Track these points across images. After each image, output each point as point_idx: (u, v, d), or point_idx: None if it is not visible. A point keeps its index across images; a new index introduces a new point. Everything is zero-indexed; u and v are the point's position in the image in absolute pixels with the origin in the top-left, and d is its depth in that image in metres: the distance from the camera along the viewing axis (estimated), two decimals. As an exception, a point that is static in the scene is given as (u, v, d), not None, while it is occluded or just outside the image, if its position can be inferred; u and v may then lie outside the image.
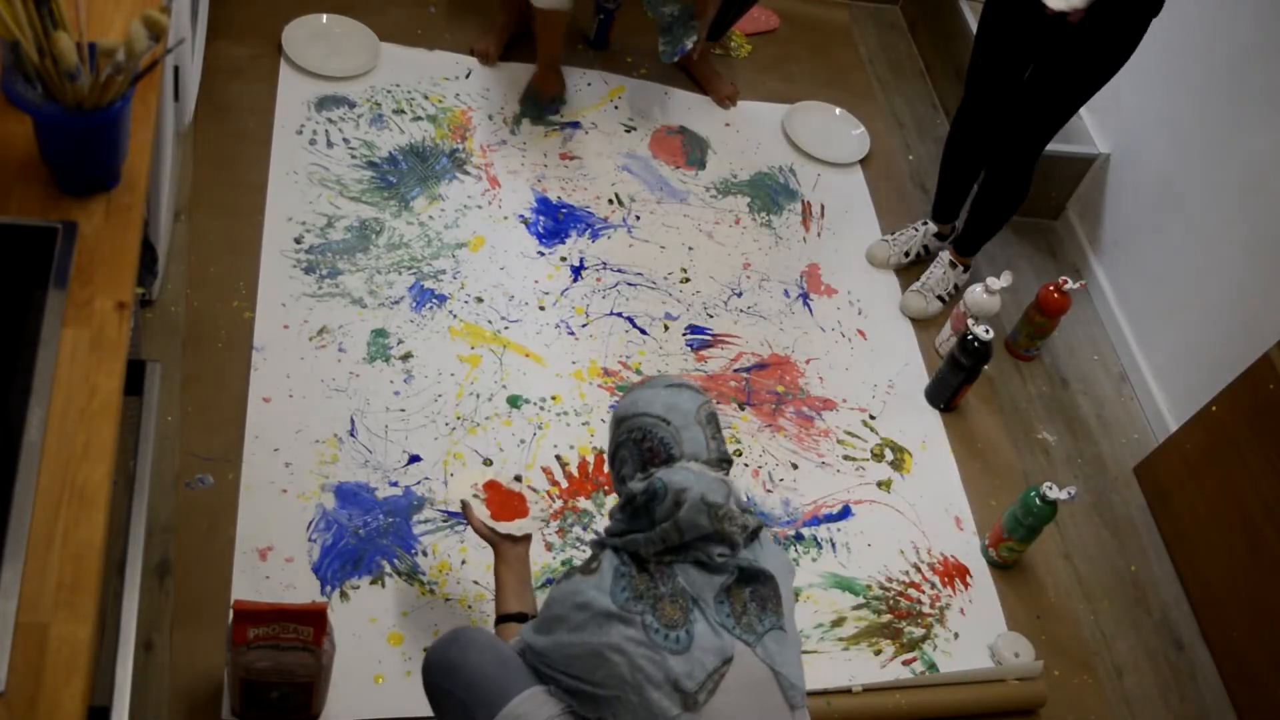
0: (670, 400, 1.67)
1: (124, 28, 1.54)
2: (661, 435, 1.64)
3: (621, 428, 1.69)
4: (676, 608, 1.55)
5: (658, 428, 1.64)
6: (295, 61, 2.93)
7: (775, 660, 1.59)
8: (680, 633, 1.53)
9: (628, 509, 1.62)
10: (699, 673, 1.52)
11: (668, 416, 1.65)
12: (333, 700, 1.95)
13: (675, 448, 1.63)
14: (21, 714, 1.16)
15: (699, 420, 1.66)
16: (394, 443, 2.33)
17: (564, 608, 1.60)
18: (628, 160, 3.05)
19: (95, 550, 1.27)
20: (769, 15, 3.62)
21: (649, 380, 1.75)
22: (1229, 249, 2.75)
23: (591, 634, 1.55)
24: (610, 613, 1.54)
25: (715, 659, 1.54)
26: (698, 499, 1.56)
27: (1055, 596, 2.51)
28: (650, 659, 1.52)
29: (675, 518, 1.55)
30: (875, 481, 2.58)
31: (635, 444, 1.66)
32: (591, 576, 1.60)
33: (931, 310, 2.94)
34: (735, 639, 1.56)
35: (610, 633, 1.54)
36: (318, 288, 2.52)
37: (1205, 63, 2.85)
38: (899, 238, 3.04)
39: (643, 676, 1.52)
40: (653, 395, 1.68)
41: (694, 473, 1.59)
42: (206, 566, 2.07)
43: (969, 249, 2.94)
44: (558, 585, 1.66)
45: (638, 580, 1.56)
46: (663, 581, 1.56)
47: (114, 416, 1.37)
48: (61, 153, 1.53)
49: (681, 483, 1.56)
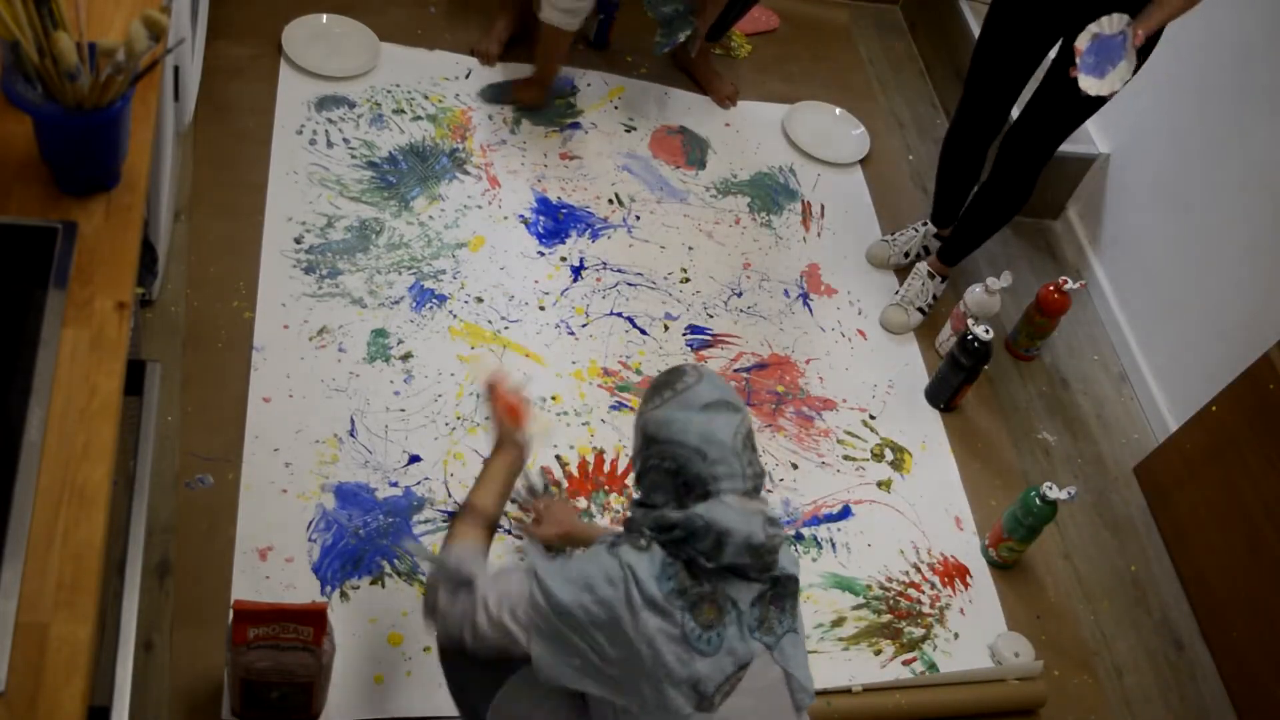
0: (706, 429, 1.55)
1: (124, 28, 1.54)
2: (698, 471, 1.54)
3: (652, 449, 1.58)
4: (714, 609, 1.52)
5: (693, 462, 1.54)
6: (295, 61, 2.93)
7: (790, 663, 1.59)
8: (713, 635, 1.51)
9: (664, 533, 1.55)
10: (718, 676, 1.52)
11: (704, 449, 1.54)
12: (333, 700, 1.95)
13: (712, 484, 1.54)
14: (21, 714, 1.16)
15: (735, 450, 1.56)
16: (394, 443, 2.33)
17: (610, 569, 1.52)
18: (628, 160, 3.05)
19: (95, 550, 1.27)
20: (769, 15, 3.62)
21: (684, 390, 1.60)
22: (1229, 249, 2.75)
23: (625, 611, 1.50)
24: (654, 600, 1.49)
25: (733, 664, 1.53)
26: (742, 543, 1.50)
27: (1055, 596, 2.51)
28: (679, 657, 1.50)
29: (718, 559, 1.51)
30: (875, 481, 2.58)
31: (669, 474, 1.56)
32: (644, 554, 1.52)
33: (913, 323, 2.92)
34: (757, 642, 1.56)
35: (645, 621, 1.49)
36: (318, 288, 2.52)
37: (1205, 63, 2.85)
38: (899, 238, 3.03)
39: (664, 672, 1.50)
40: (688, 421, 1.56)
41: (735, 510, 1.51)
42: (206, 566, 2.07)
43: (953, 259, 2.91)
44: (598, 549, 1.57)
45: (683, 575, 1.52)
46: (705, 580, 1.53)
47: (114, 416, 1.37)
48: (61, 153, 1.53)
49: (723, 523, 1.50)
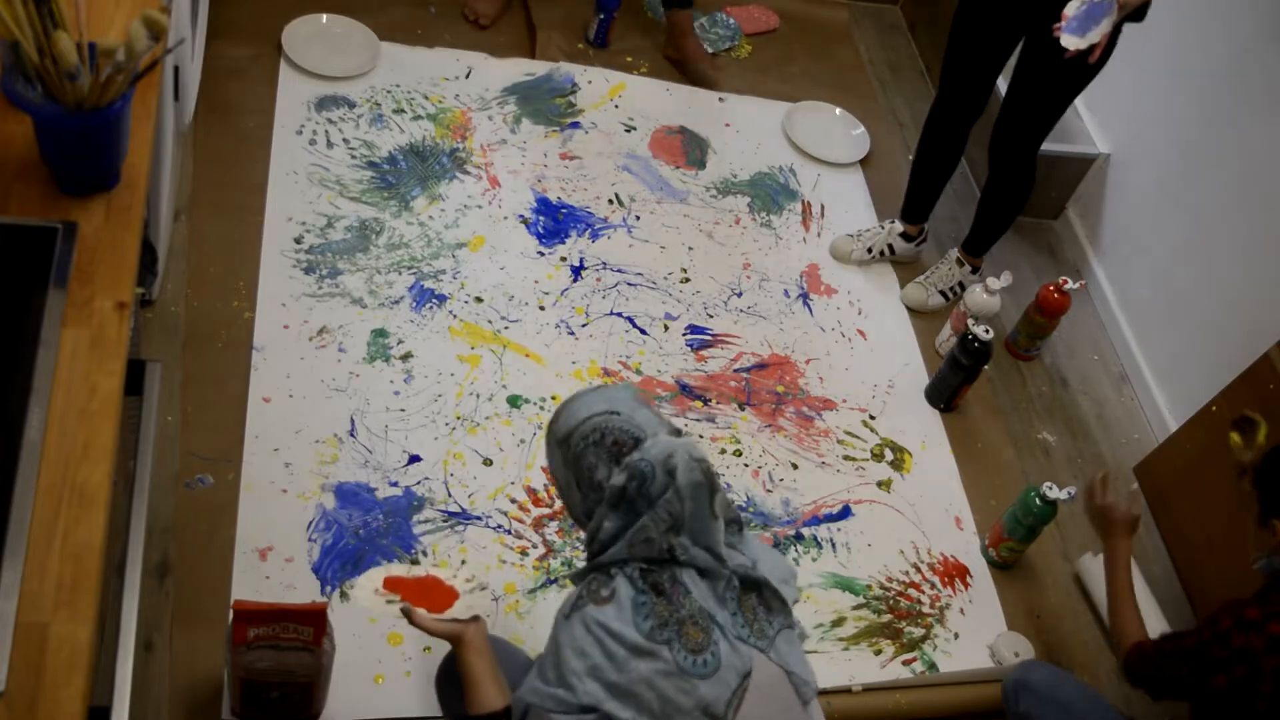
0: (605, 395, 1.62)
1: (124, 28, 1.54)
2: (619, 425, 1.58)
3: (572, 440, 1.60)
4: (699, 629, 1.51)
5: (611, 420, 1.58)
6: (295, 61, 2.93)
7: (788, 661, 1.59)
8: (707, 655, 1.50)
9: (620, 508, 1.55)
10: (725, 693, 1.51)
11: (613, 408, 1.59)
12: (333, 700, 1.95)
13: (637, 430, 1.57)
14: (21, 714, 1.16)
15: (639, 402, 1.62)
16: (394, 443, 2.33)
17: (587, 640, 1.48)
18: (628, 160, 3.05)
19: (95, 550, 1.27)
20: (769, 15, 3.62)
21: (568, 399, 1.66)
22: (1229, 249, 2.75)
23: (618, 670, 1.46)
24: (638, 646, 1.47)
25: (738, 676, 1.52)
26: (687, 458, 1.52)
27: (1055, 596, 2.51)
28: (681, 689, 1.48)
29: (674, 485, 1.51)
30: (875, 481, 2.58)
31: (597, 445, 1.58)
32: (609, 606, 1.49)
33: (931, 304, 2.94)
34: (752, 648, 1.55)
35: (637, 668, 1.47)
36: (318, 288, 2.52)
37: (1205, 63, 2.85)
38: (864, 234, 3.04)
39: (673, 709, 1.48)
40: (584, 399, 1.62)
41: (664, 441, 1.54)
42: (206, 566, 2.06)
43: (978, 249, 2.94)
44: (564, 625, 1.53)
45: (658, 606, 1.50)
46: (680, 603, 1.51)
47: (114, 416, 1.37)
48: (61, 153, 1.53)
49: (663, 450, 1.52)
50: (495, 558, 2.22)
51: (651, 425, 1.59)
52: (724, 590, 1.56)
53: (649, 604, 1.49)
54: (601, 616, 1.48)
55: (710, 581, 1.56)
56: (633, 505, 1.53)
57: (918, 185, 2.95)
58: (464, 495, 2.29)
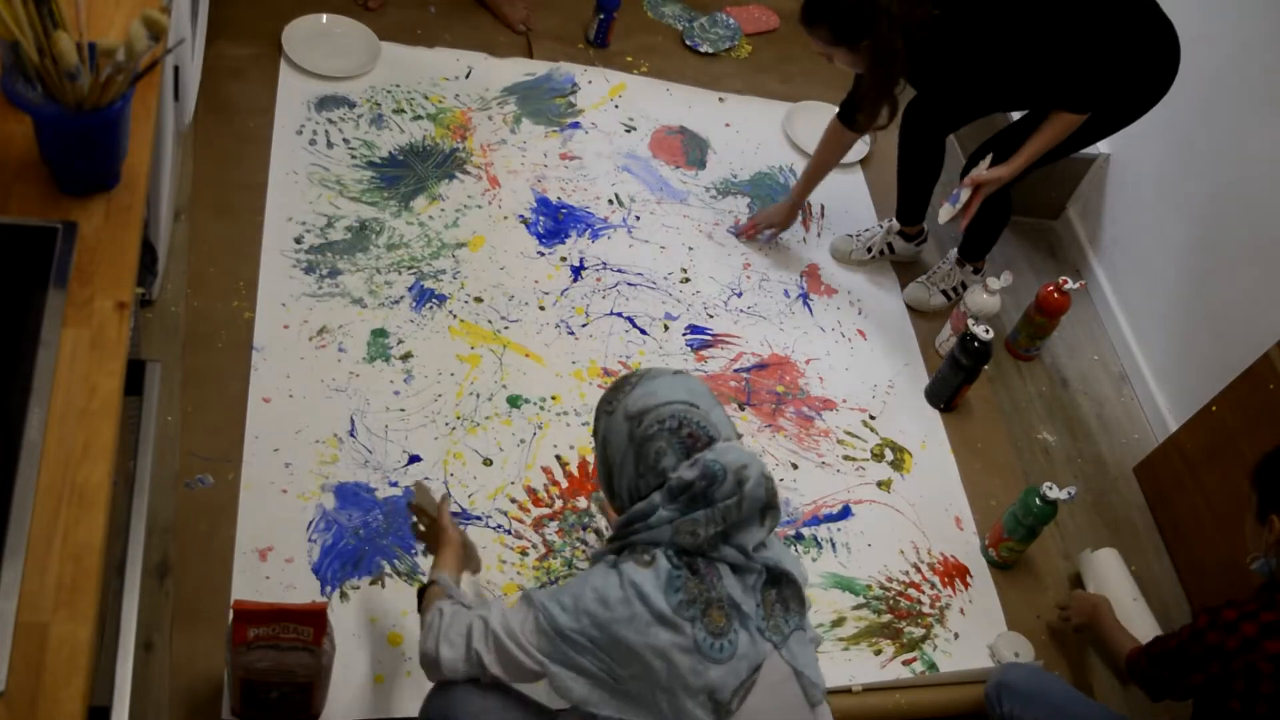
0: (686, 384, 1.63)
1: (124, 28, 1.54)
2: (697, 419, 1.59)
3: (645, 421, 1.59)
4: (723, 615, 1.53)
5: (691, 413, 1.59)
6: (295, 61, 2.93)
7: (798, 660, 1.60)
8: (725, 641, 1.52)
9: (679, 499, 1.55)
10: (733, 681, 1.52)
11: (693, 400, 1.61)
12: (333, 700, 1.95)
13: (713, 429, 1.59)
14: (21, 714, 1.16)
15: (715, 401, 1.64)
16: (394, 443, 2.33)
17: (607, 589, 1.53)
18: (628, 160, 3.05)
19: (95, 550, 1.27)
20: (769, 15, 3.62)
21: (645, 372, 1.67)
22: (1229, 249, 2.75)
23: (636, 631, 1.50)
24: (663, 615, 1.50)
25: (747, 668, 1.54)
26: (759, 473, 1.55)
27: (1055, 596, 2.51)
28: (693, 669, 1.51)
29: (741, 494, 1.53)
30: (875, 481, 2.58)
31: (672, 433, 1.58)
32: (648, 570, 1.53)
33: (934, 303, 2.95)
34: (767, 642, 1.57)
35: (657, 636, 1.50)
36: (318, 288, 2.52)
37: (1205, 63, 2.84)
38: (863, 234, 3.05)
39: (680, 684, 1.51)
40: (668, 383, 1.63)
41: (738, 449, 1.57)
42: (206, 566, 2.06)
43: (974, 255, 2.94)
44: (601, 569, 1.57)
45: (690, 583, 1.53)
46: (712, 585, 1.54)
47: (114, 416, 1.37)
48: (61, 153, 1.53)
49: (739, 460, 1.54)
50: (495, 558, 2.22)
51: (726, 428, 1.62)
52: (753, 582, 1.58)
53: (683, 579, 1.52)
54: (637, 577, 1.52)
55: (739, 574, 1.57)
56: (693, 500, 1.54)
57: (905, 188, 2.94)
58: (464, 495, 2.29)
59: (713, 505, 1.53)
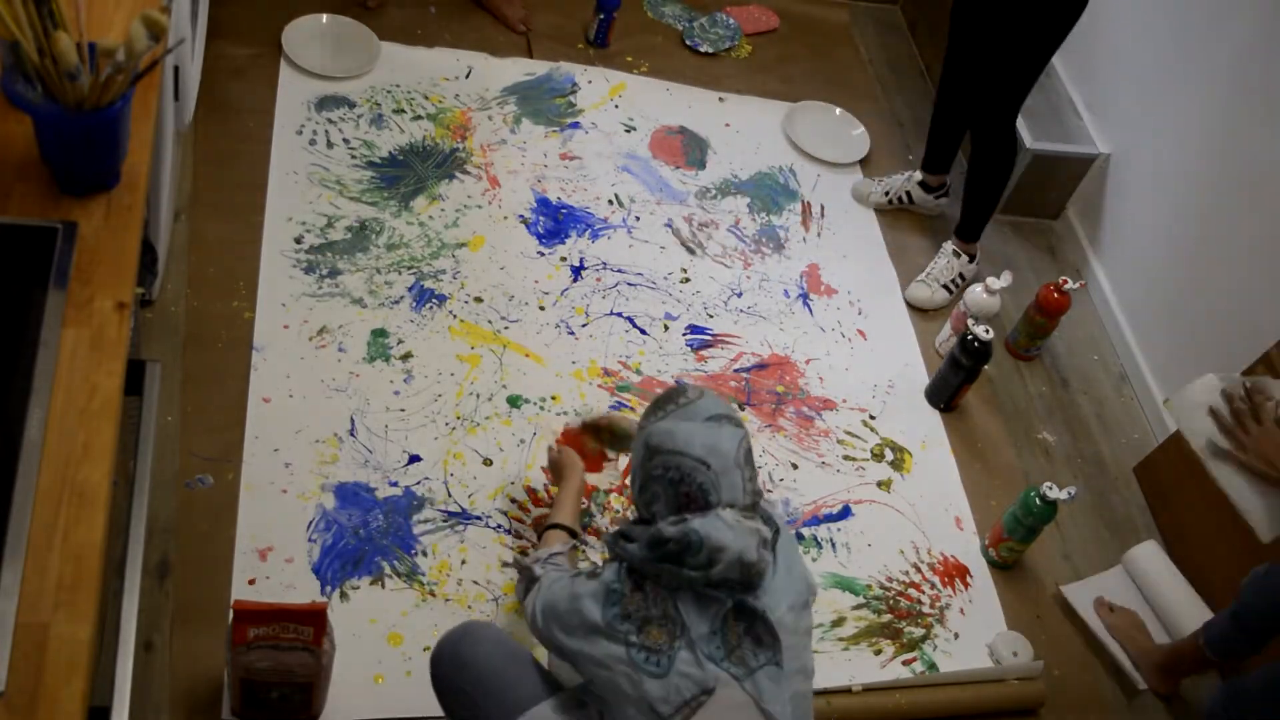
0: (711, 441, 1.58)
1: (124, 28, 1.54)
2: (700, 481, 1.56)
3: (655, 460, 1.60)
4: (664, 632, 1.53)
5: (697, 472, 1.56)
6: (295, 61, 2.93)
7: (764, 697, 1.55)
8: (661, 658, 1.52)
9: (656, 549, 1.55)
10: (675, 698, 1.51)
11: (708, 460, 1.56)
12: (333, 700, 1.95)
13: (714, 494, 1.55)
14: (21, 714, 1.16)
15: (738, 462, 1.58)
16: (394, 443, 2.33)
17: (563, 605, 1.64)
18: (628, 160, 3.05)
19: (95, 550, 1.27)
20: (769, 15, 3.62)
21: (687, 404, 1.63)
22: (1229, 249, 2.75)
23: (580, 642, 1.59)
24: (596, 627, 1.57)
25: (694, 688, 1.52)
26: (734, 559, 1.51)
27: (1055, 596, 2.51)
28: (629, 678, 1.53)
29: (708, 574, 1.51)
30: (875, 481, 2.58)
31: (671, 484, 1.58)
32: (592, 583, 1.62)
33: (937, 299, 2.95)
34: (721, 671, 1.53)
35: (597, 645, 1.56)
36: (318, 288, 2.52)
37: (1205, 63, 2.84)
38: (885, 180, 3.15)
39: (620, 694, 1.55)
40: (692, 432, 1.59)
41: (730, 527, 1.52)
42: (206, 566, 2.06)
43: (971, 233, 2.97)
44: (561, 582, 1.68)
45: (629, 600, 1.55)
46: (655, 605, 1.54)
47: (114, 416, 1.37)
48: (61, 153, 1.53)
49: (719, 541, 1.50)
50: (495, 558, 2.22)
51: (732, 494, 1.56)
52: (715, 611, 1.55)
53: (622, 595, 1.57)
54: (581, 589, 1.61)
55: (701, 602, 1.56)
56: (665, 557, 1.54)
57: (936, 132, 3.03)
58: (464, 495, 2.29)
59: (681, 568, 1.53)
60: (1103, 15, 2.92)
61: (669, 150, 3.13)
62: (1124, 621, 2.44)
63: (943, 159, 3.07)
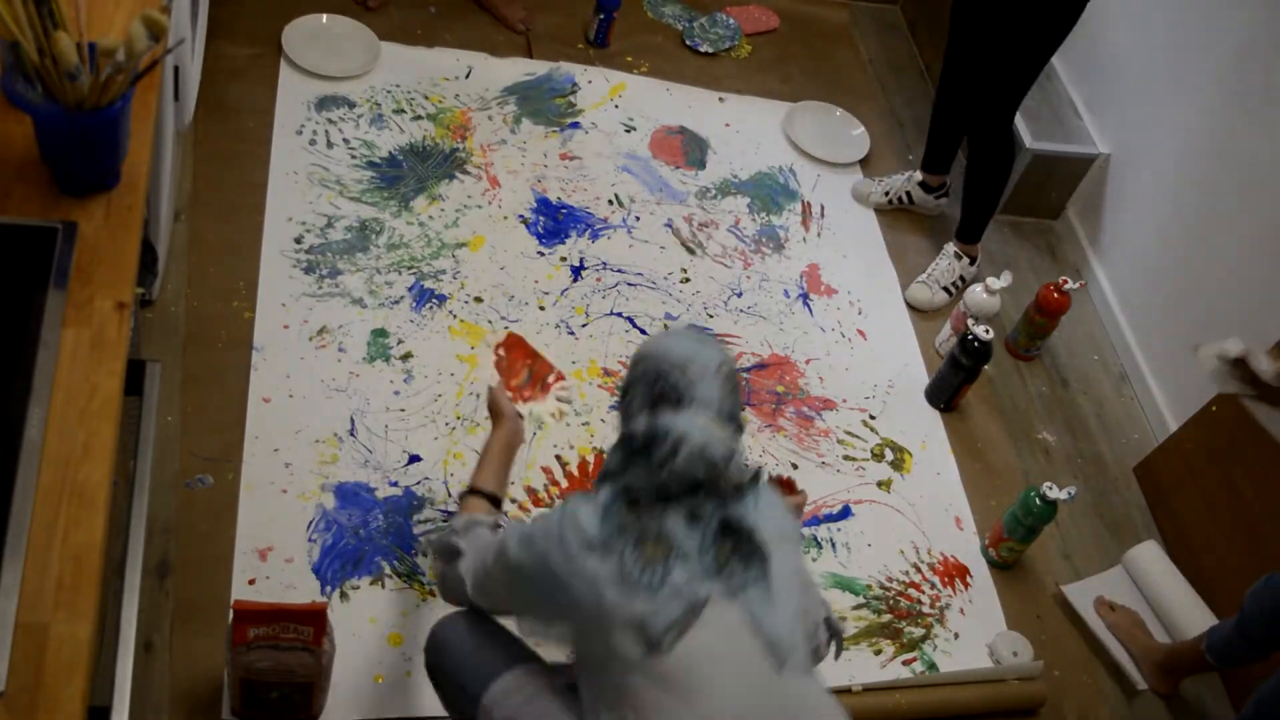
0: (692, 349, 1.63)
1: (124, 28, 1.54)
2: (675, 381, 1.59)
3: (639, 366, 1.66)
4: (657, 548, 1.50)
5: (672, 372, 1.60)
6: (295, 61, 2.93)
7: (756, 614, 1.51)
8: (655, 571, 1.48)
9: (624, 448, 1.57)
10: (665, 617, 1.47)
11: (685, 365, 1.60)
12: (333, 700, 1.95)
13: (686, 396, 1.58)
14: (21, 714, 1.16)
15: (717, 374, 1.62)
16: (394, 443, 2.33)
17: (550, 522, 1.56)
18: (628, 160, 3.05)
19: (95, 550, 1.27)
20: (769, 15, 3.62)
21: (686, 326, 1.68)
22: (1229, 249, 2.75)
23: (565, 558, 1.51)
24: (591, 541, 1.50)
25: (684, 605, 1.48)
26: (698, 450, 1.51)
27: (1055, 596, 2.51)
28: (619, 599, 1.47)
29: (670, 465, 1.50)
30: (875, 481, 2.58)
31: (648, 384, 1.61)
32: (588, 499, 1.56)
33: (937, 301, 2.95)
34: (711, 589, 1.50)
35: (583, 564, 1.49)
36: (318, 288, 2.52)
37: (1205, 63, 2.84)
38: (885, 180, 3.15)
39: (606, 617, 1.48)
40: (676, 341, 1.66)
41: (699, 425, 1.54)
42: (206, 566, 2.06)
43: (971, 235, 2.97)
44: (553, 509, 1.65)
45: (626, 516, 1.51)
46: (649, 521, 1.51)
47: (114, 416, 1.37)
48: (61, 153, 1.53)
49: (682, 428, 1.52)
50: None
51: (707, 399, 1.58)
52: (703, 529, 1.53)
53: (618, 511, 1.52)
54: (575, 508, 1.55)
55: (691, 521, 1.53)
56: (634, 456, 1.55)
57: (936, 132, 3.04)
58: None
59: (649, 467, 1.53)
60: (1102, 15, 2.92)
61: (669, 150, 3.13)
62: (1125, 620, 2.44)
63: (942, 159, 3.07)
